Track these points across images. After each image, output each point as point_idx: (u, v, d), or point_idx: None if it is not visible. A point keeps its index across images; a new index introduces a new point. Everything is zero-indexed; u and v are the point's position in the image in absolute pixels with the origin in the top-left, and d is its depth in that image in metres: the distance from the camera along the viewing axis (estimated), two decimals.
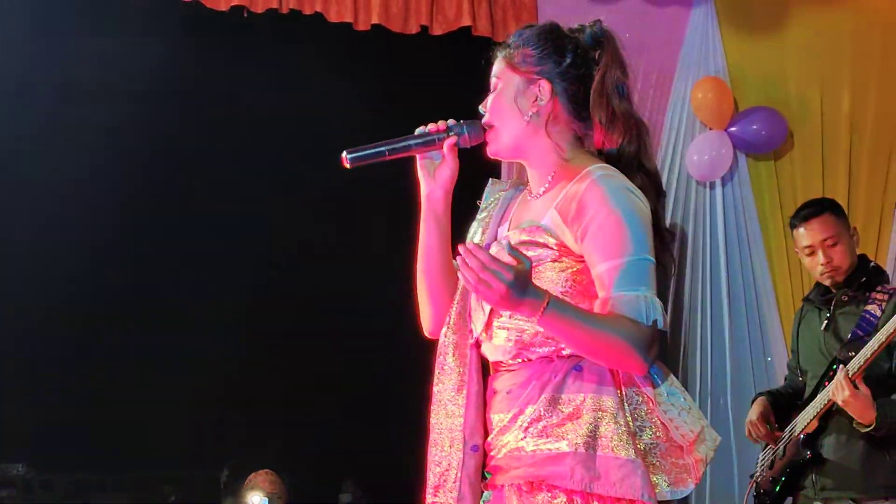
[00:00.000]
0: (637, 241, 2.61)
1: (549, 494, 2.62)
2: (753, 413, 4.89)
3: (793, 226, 4.89)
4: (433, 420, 2.79)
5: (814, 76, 6.69)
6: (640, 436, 2.63)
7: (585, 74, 2.81)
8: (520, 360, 2.72)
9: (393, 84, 6.29)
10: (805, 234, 4.79)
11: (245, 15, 5.98)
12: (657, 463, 2.64)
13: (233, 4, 5.91)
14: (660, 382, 2.68)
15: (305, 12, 6.04)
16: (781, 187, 6.62)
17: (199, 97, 6.31)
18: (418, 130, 2.86)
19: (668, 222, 6.23)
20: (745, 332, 6.49)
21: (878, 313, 4.48)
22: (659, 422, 2.66)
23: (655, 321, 2.58)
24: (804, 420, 4.65)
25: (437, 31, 6.22)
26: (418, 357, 3.11)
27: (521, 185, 2.93)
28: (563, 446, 2.62)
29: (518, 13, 6.34)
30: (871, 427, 4.36)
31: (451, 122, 2.84)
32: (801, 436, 4.66)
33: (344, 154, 2.79)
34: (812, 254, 4.77)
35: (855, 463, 4.58)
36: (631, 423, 2.63)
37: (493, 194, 2.96)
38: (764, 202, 6.59)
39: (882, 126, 6.70)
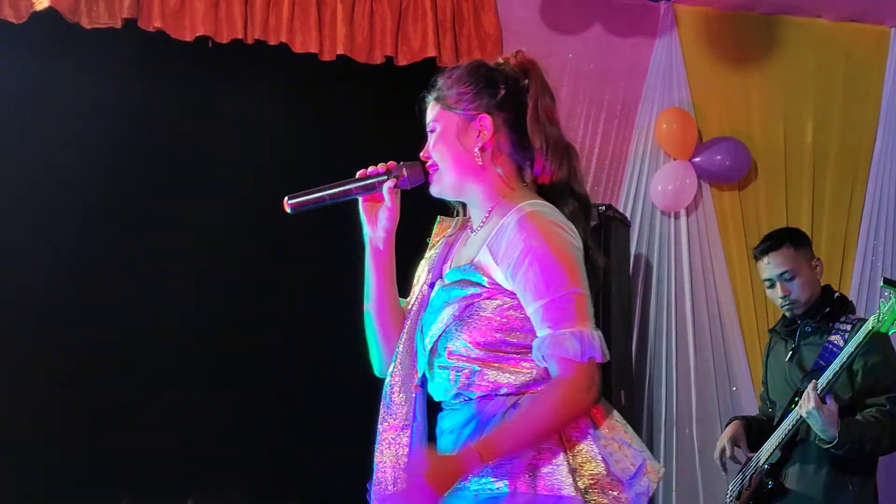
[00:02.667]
0: (567, 276, 2.63)
1: None
2: (725, 435, 4.89)
3: (755, 257, 4.92)
4: (377, 458, 2.80)
5: (777, 107, 6.75)
6: (581, 472, 2.63)
7: (520, 103, 2.85)
8: (461, 399, 2.75)
9: (357, 114, 6.27)
10: (764, 268, 4.83)
11: (210, 45, 5.98)
12: (598, 499, 2.62)
13: (198, 35, 5.91)
14: (603, 419, 2.70)
15: (271, 42, 6.05)
16: (746, 217, 6.66)
17: (160, 128, 6.28)
18: (359, 173, 2.88)
19: (633, 252, 6.28)
20: (710, 361, 6.51)
21: (841, 343, 4.49)
22: (599, 457, 2.65)
23: (592, 358, 2.60)
24: (768, 450, 4.67)
25: (402, 61, 6.23)
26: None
27: (467, 223, 2.95)
28: (504, 486, 2.63)
29: (482, 44, 6.36)
30: (833, 443, 4.37)
31: (391, 164, 2.87)
32: (766, 466, 4.67)
33: (285, 200, 2.82)
34: (772, 286, 4.81)
35: (818, 492, 4.59)
36: (571, 460, 2.63)
37: (440, 233, 3.00)
38: (728, 232, 6.62)
39: (845, 156, 6.76)
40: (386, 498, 2.73)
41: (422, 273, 2.94)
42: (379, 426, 2.82)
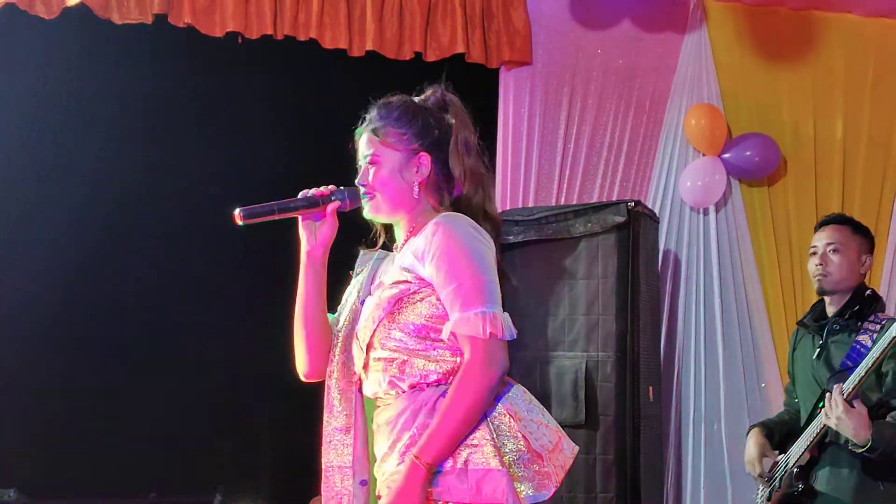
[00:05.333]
0: (476, 263, 2.93)
1: None
2: (750, 451, 4.85)
3: (815, 229, 4.89)
4: (324, 459, 3.11)
5: (807, 102, 6.72)
6: (504, 448, 2.89)
7: (445, 139, 3.13)
8: (394, 393, 3.01)
9: None
10: (816, 237, 4.81)
11: (240, 41, 6.00)
12: (521, 472, 2.89)
13: (228, 30, 5.93)
14: (518, 397, 2.98)
15: (300, 38, 6.06)
16: (775, 213, 6.64)
17: (190, 123, 6.31)
18: (301, 194, 3.13)
19: (661, 248, 6.28)
20: (739, 357, 6.50)
21: (869, 344, 4.46)
22: (520, 435, 2.92)
23: (492, 334, 2.88)
24: (797, 452, 4.64)
25: (431, 57, 6.24)
26: None
27: (387, 250, 3.25)
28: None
29: (511, 40, 6.36)
30: (867, 447, 4.34)
31: (332, 187, 3.13)
32: (795, 468, 4.64)
33: (237, 211, 3.03)
34: (813, 254, 4.78)
35: (847, 495, 4.54)
36: (496, 438, 2.89)
37: (363, 263, 3.27)
38: (757, 228, 6.60)
39: (874, 152, 6.73)
40: None
41: (352, 292, 3.22)
42: (325, 430, 3.11)
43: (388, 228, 3.23)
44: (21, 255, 6.17)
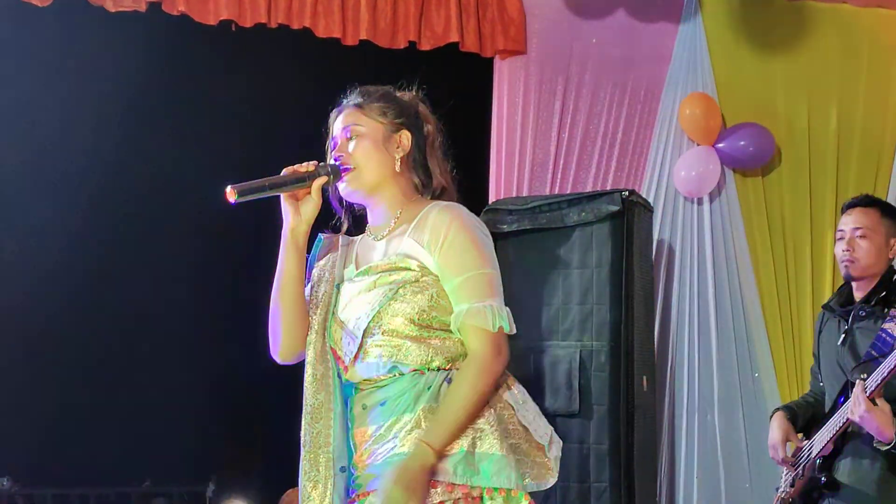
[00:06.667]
0: (484, 256, 3.01)
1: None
2: (774, 435, 4.82)
3: (842, 210, 4.82)
4: (303, 445, 3.08)
5: (801, 92, 6.72)
6: (507, 438, 2.95)
7: (422, 129, 3.20)
8: (393, 374, 3.01)
9: None
10: (843, 220, 4.72)
11: (234, 28, 5.98)
12: (521, 460, 2.95)
13: (222, 18, 5.91)
14: (517, 391, 3.05)
15: (294, 27, 6.05)
16: (769, 203, 6.64)
17: (182, 111, 6.31)
18: (286, 170, 3.11)
19: (655, 237, 6.27)
20: (733, 347, 6.50)
21: (895, 332, 4.42)
22: (519, 425, 3.00)
23: (501, 327, 2.96)
24: (821, 441, 4.59)
25: (425, 46, 6.23)
26: None
27: (349, 236, 3.25)
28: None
29: (506, 28, 6.35)
30: (892, 444, 4.30)
31: (315, 163, 3.12)
32: (818, 459, 4.61)
33: (228, 188, 3.00)
34: (840, 239, 4.72)
35: (870, 487, 4.50)
36: (498, 426, 2.95)
37: (325, 247, 3.24)
38: (751, 218, 6.60)
39: (869, 142, 6.73)
40: None
41: (322, 275, 3.18)
42: (303, 416, 3.08)
43: (355, 217, 3.24)
44: (16, 247, 6.16)
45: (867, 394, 4.28)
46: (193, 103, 6.35)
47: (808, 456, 4.65)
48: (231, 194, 2.99)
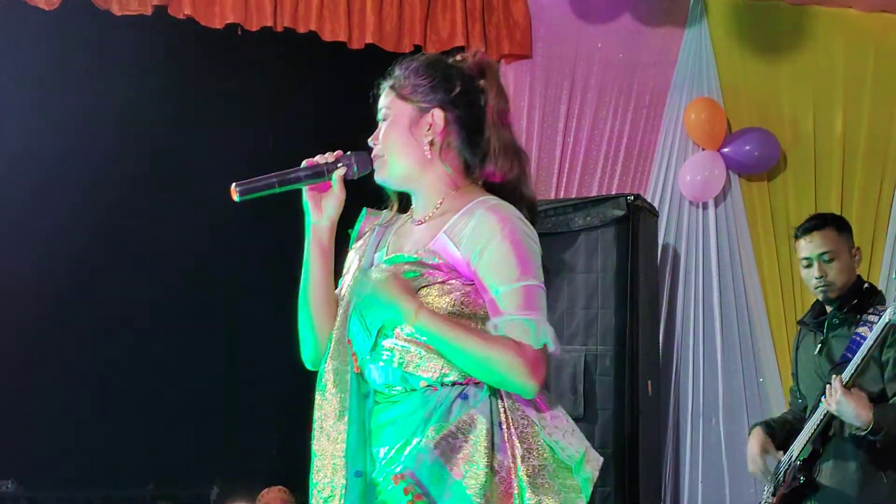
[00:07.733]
0: (529, 268, 2.70)
1: None
2: (752, 449, 4.84)
3: (795, 237, 4.85)
4: (315, 447, 2.79)
5: (807, 97, 6.72)
6: (528, 459, 2.68)
7: (474, 102, 2.85)
8: (402, 389, 2.75)
9: None
10: (804, 247, 4.77)
11: (239, 32, 5.99)
12: (546, 484, 2.68)
13: (228, 22, 5.92)
14: (546, 408, 2.75)
15: (300, 31, 6.05)
16: (774, 208, 6.63)
17: (188, 115, 6.32)
18: (306, 162, 2.87)
19: (660, 242, 6.27)
20: (737, 352, 6.50)
21: (868, 334, 4.46)
22: (545, 444, 2.70)
23: (545, 345, 2.66)
24: (799, 445, 4.63)
25: (431, 50, 6.22)
26: None
27: (398, 214, 2.97)
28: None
29: (511, 33, 6.35)
30: (870, 429, 4.34)
31: (339, 153, 2.87)
32: (798, 462, 4.64)
33: (233, 186, 2.80)
34: (808, 266, 4.76)
35: (851, 487, 4.55)
36: (518, 448, 2.68)
37: (368, 223, 2.99)
38: (756, 223, 6.60)
39: (874, 147, 6.73)
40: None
41: (353, 262, 2.94)
42: (315, 415, 2.80)
43: (404, 200, 2.95)
44: (21, 246, 6.17)
45: (843, 384, 4.34)
46: (198, 107, 6.36)
47: (788, 461, 4.68)
48: (234, 193, 2.79)
